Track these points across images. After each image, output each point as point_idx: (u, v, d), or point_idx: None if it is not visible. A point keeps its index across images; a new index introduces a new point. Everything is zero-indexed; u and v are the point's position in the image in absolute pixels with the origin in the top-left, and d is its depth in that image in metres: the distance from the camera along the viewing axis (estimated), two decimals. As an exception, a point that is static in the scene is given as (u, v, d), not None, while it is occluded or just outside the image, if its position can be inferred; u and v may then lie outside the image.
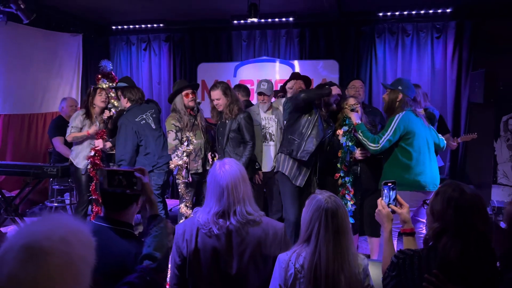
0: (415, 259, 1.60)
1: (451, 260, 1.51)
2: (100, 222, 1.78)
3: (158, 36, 6.79)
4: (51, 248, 0.93)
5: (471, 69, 5.55)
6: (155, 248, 1.54)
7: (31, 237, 0.94)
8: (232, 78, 6.27)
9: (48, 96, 6.09)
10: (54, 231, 0.96)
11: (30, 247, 0.91)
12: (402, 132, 3.33)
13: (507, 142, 5.32)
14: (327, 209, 1.72)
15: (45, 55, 5.97)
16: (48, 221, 1.01)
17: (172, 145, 4.05)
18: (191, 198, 4.08)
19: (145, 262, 1.51)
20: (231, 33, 6.47)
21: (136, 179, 1.65)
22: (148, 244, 1.55)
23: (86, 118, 4.39)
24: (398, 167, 3.37)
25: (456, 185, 1.62)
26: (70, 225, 1.01)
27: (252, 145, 3.97)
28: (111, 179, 1.67)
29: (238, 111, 3.97)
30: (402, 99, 3.39)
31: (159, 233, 1.60)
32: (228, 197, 1.89)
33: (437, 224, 1.58)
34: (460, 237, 1.51)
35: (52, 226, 0.98)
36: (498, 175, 5.39)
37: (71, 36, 6.36)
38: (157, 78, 6.83)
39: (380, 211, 1.92)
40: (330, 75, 5.97)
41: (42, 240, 0.93)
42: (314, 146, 3.67)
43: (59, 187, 5.68)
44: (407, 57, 5.85)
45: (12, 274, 0.89)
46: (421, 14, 5.60)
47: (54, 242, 0.94)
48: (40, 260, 0.91)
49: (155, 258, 1.51)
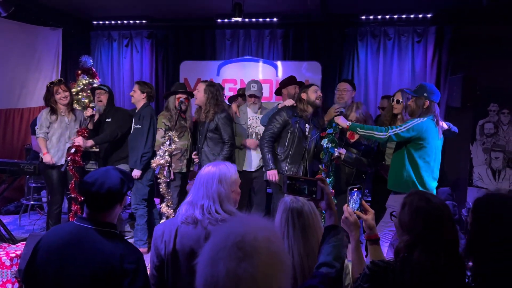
0: (388, 273, 1.55)
1: (427, 272, 1.48)
2: (83, 223, 1.75)
3: (141, 33, 6.71)
4: (261, 248, 0.99)
5: (450, 73, 5.68)
6: (335, 257, 1.51)
7: (240, 237, 0.99)
8: (215, 77, 6.25)
9: (26, 91, 5.94)
10: (259, 231, 1.02)
11: (241, 247, 0.97)
12: (416, 135, 3.26)
13: (483, 146, 5.46)
14: (292, 208, 1.80)
15: (23, 49, 5.82)
16: (249, 222, 1.06)
17: (159, 142, 4.13)
18: (172, 198, 4.06)
19: (324, 269, 1.47)
20: (215, 32, 6.44)
21: (317, 188, 1.64)
22: (328, 253, 1.52)
23: (53, 116, 4.31)
24: (405, 171, 3.33)
25: (421, 195, 1.60)
26: (267, 225, 1.08)
27: (230, 145, 3.99)
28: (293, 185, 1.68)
29: (213, 115, 3.99)
30: (429, 105, 3.31)
31: (338, 244, 1.56)
32: (198, 189, 1.97)
33: (407, 237, 1.55)
34: (431, 248, 1.50)
35: (255, 226, 1.04)
36: (474, 177, 5.53)
37: (51, 30, 6.22)
38: (139, 75, 6.74)
39: (347, 218, 1.81)
40: (313, 77, 6.00)
41: (251, 240, 0.99)
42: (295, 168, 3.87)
43: (35, 184, 5.56)
44: (389, 60, 5.94)
45: (231, 270, 0.95)
46: (402, 19, 5.70)
47: (261, 242, 0.99)
48: (254, 258, 0.97)
49: (335, 267, 1.49)
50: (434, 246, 1.50)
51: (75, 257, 1.67)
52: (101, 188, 1.72)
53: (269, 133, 3.87)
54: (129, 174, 1.88)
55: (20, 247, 3.83)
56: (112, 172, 1.78)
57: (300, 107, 3.86)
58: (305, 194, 1.66)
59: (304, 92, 3.87)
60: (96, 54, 6.83)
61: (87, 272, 1.65)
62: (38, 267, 1.71)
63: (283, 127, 3.86)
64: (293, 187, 1.67)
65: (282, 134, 3.88)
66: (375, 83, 6.02)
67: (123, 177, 1.79)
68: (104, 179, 1.73)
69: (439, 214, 1.54)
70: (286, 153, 3.88)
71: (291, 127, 3.84)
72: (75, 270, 1.65)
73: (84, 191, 1.75)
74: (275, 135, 3.87)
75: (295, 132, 3.85)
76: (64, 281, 1.66)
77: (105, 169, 1.81)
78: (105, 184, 1.72)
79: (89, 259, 1.66)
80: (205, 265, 0.99)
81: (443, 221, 1.53)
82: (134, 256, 1.72)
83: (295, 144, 3.86)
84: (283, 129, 3.86)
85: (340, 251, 1.55)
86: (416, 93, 3.38)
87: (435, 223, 1.52)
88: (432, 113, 3.32)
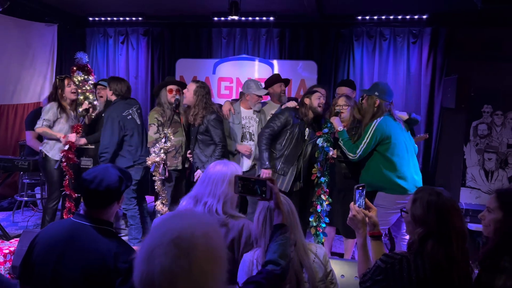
0: (403, 264, 1.62)
1: (440, 262, 1.56)
2: (81, 220, 1.75)
3: (137, 30, 6.68)
4: (198, 244, 0.98)
5: (444, 74, 5.72)
6: (280, 255, 1.55)
7: (177, 233, 0.98)
8: (211, 75, 6.25)
9: (20, 87, 5.90)
10: (196, 227, 1.01)
11: (178, 243, 0.96)
12: (380, 139, 3.34)
13: (476, 147, 5.50)
14: (270, 207, 1.83)
15: (18, 45, 5.78)
16: (186, 218, 1.05)
17: (152, 138, 4.08)
18: (167, 195, 4.06)
19: (270, 266, 1.52)
20: (211, 30, 6.44)
21: (266, 188, 1.69)
22: (274, 251, 1.57)
23: (62, 112, 4.27)
24: (378, 171, 3.40)
25: (430, 190, 1.68)
26: (206, 220, 1.07)
27: (221, 147, 3.96)
28: (242, 185, 1.73)
29: (202, 119, 3.95)
30: (380, 104, 3.41)
31: (285, 242, 1.61)
32: (205, 186, 1.99)
33: (420, 229, 1.63)
34: (444, 238, 1.58)
35: (192, 222, 1.03)
36: (467, 178, 5.57)
37: (46, 26, 6.18)
38: (134, 72, 6.72)
39: (355, 216, 1.88)
40: (308, 76, 6.03)
41: (189, 236, 0.98)
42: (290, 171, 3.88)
43: (29, 181, 5.53)
44: (384, 60, 5.96)
45: (166, 268, 0.94)
46: (398, 19, 5.72)
47: (199, 238, 0.99)
48: (190, 255, 0.96)
49: (280, 265, 1.53)
50: (446, 236, 1.58)
51: (72, 253, 1.67)
52: (99, 185, 1.72)
53: (268, 130, 3.88)
54: (128, 172, 1.88)
55: (13, 244, 3.81)
56: (111, 170, 1.79)
57: (302, 111, 3.89)
58: (257, 194, 1.71)
59: (308, 98, 3.91)
60: (91, 51, 6.79)
61: (82, 268, 1.65)
62: (35, 262, 1.72)
63: (283, 126, 3.87)
64: (245, 187, 1.72)
65: (281, 133, 3.90)
66: (371, 83, 6.01)
67: (121, 175, 1.80)
68: (103, 177, 1.74)
69: (450, 206, 1.62)
70: (282, 152, 3.90)
71: (291, 127, 3.86)
72: (71, 265, 1.66)
73: (83, 188, 1.75)
74: (275, 133, 3.89)
75: (294, 133, 3.87)
76: (60, 276, 1.67)
77: (104, 166, 1.82)
78: (103, 182, 1.73)
79: (85, 256, 1.67)
80: (141, 262, 0.98)
81: (453, 213, 1.61)
82: (128, 255, 1.72)
83: (292, 145, 3.88)
84: (282, 129, 3.88)
85: (286, 249, 1.61)
86: (369, 92, 3.44)
87: (446, 215, 1.60)
88: (387, 112, 3.38)
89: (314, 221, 3.68)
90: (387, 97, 3.40)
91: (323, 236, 3.70)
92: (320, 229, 3.69)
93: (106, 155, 4.12)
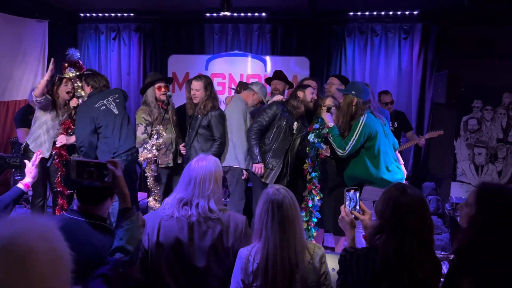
0: (354, 256, 1.63)
1: (389, 258, 1.55)
2: (75, 215, 1.77)
3: (128, 26, 6.65)
4: (34, 247, 0.89)
5: (435, 70, 5.77)
6: (127, 241, 1.54)
7: (8, 239, 0.89)
8: (203, 71, 6.24)
9: (11, 84, 5.85)
10: (30, 230, 0.93)
11: (11, 250, 0.87)
12: (367, 135, 3.40)
13: (466, 142, 5.57)
14: (273, 200, 1.82)
15: (8, 41, 5.73)
16: (17, 222, 0.96)
17: (140, 139, 3.99)
18: (160, 192, 4.07)
19: (117, 254, 1.51)
20: (204, 26, 6.43)
21: (108, 171, 1.62)
22: (120, 237, 1.56)
23: (53, 109, 4.26)
24: (364, 167, 3.46)
25: (400, 186, 1.66)
26: (40, 221, 0.98)
27: (220, 143, 3.97)
28: (81, 170, 1.63)
29: (211, 108, 3.98)
30: (357, 103, 3.45)
31: (131, 226, 1.60)
32: (193, 188, 1.98)
33: (377, 223, 1.64)
34: (396, 235, 1.56)
35: (25, 225, 0.94)
36: (458, 172, 5.63)
37: (37, 23, 6.12)
38: (126, 68, 6.70)
39: (343, 218, 1.90)
40: (301, 72, 6.04)
41: (22, 240, 0.89)
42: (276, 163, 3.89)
43: (22, 178, 5.49)
44: (375, 56, 6.00)
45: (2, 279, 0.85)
46: (389, 15, 5.75)
47: (34, 241, 0.90)
48: (26, 260, 0.88)
49: (128, 251, 1.53)
50: (399, 234, 1.56)
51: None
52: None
53: (257, 125, 3.89)
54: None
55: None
56: None
57: (293, 104, 3.88)
58: (95, 178, 1.63)
59: (301, 91, 3.90)
60: (83, 47, 6.75)
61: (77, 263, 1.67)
62: None
63: (271, 120, 3.89)
64: (82, 171, 1.63)
65: (269, 128, 3.91)
66: (362, 78, 6.07)
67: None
68: None
69: (409, 205, 1.59)
70: (270, 146, 3.91)
71: (279, 121, 3.88)
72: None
73: (77, 184, 1.76)
74: (263, 127, 3.90)
75: (282, 127, 3.88)
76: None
77: None
78: None
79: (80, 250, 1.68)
80: None
81: (410, 212, 1.58)
82: None
83: (280, 138, 3.89)
84: (271, 122, 3.89)
85: (134, 233, 1.59)
86: (346, 91, 3.51)
87: (403, 213, 1.58)
88: (367, 109, 3.45)
89: (305, 216, 3.71)
90: (363, 95, 3.46)
91: (314, 231, 3.73)
92: (312, 223, 3.72)
93: (83, 148, 4.04)
